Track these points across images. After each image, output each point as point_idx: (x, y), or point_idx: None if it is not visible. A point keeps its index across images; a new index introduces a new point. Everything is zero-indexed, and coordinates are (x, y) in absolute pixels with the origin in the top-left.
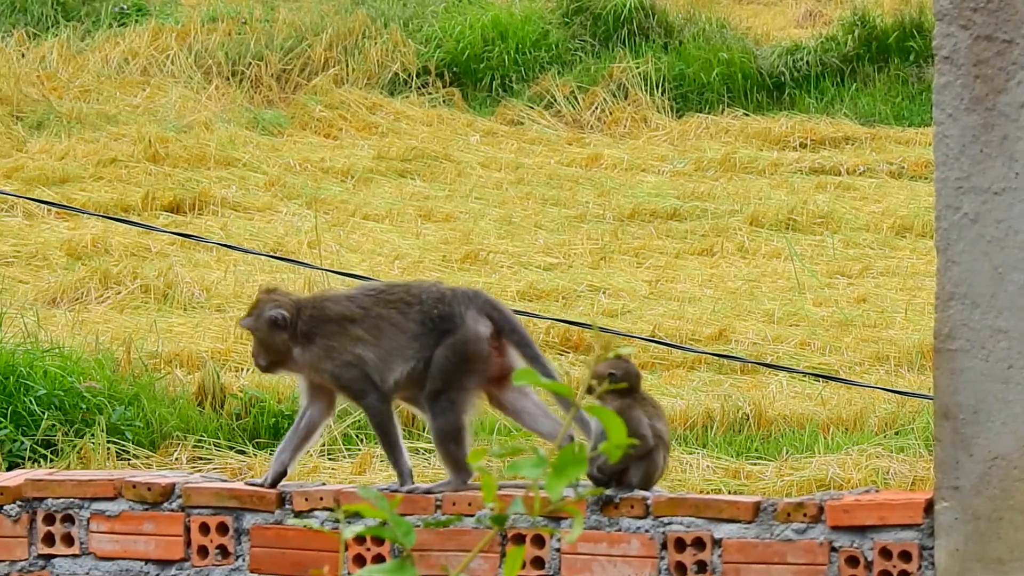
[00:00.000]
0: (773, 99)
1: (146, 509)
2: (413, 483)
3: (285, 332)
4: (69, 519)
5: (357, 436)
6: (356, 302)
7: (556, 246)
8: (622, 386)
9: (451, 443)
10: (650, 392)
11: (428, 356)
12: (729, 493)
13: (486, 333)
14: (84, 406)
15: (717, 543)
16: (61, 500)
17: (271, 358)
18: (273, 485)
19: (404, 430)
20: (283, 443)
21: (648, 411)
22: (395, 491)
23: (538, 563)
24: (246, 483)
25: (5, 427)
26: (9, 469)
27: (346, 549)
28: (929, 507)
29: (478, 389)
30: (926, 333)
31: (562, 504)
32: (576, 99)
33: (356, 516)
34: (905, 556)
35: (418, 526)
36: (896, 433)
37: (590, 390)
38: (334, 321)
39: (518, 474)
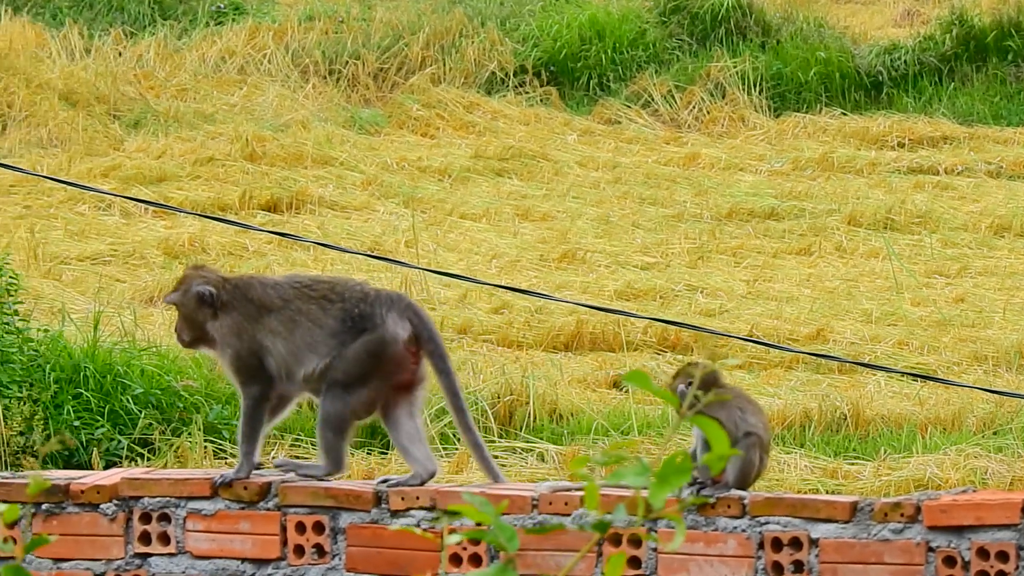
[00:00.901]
0: (871, 98)
1: (242, 508)
2: (249, 472)
3: (210, 308)
4: (165, 518)
5: (454, 436)
6: (279, 292)
7: (653, 245)
8: (726, 397)
9: (331, 431)
10: (748, 391)
11: (343, 352)
12: (827, 493)
13: (404, 336)
14: (181, 405)
15: (814, 543)
16: (158, 499)
17: (193, 334)
18: (247, 476)
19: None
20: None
21: (741, 405)
22: (226, 477)
23: (635, 563)
24: (218, 479)
25: (102, 426)
26: (106, 468)
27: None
28: None
29: (383, 391)
30: None
31: (665, 513)
32: (673, 98)
33: (454, 516)
34: (1002, 556)
35: (517, 525)
36: (994, 433)
37: (692, 405)
38: (253, 304)
39: (621, 482)
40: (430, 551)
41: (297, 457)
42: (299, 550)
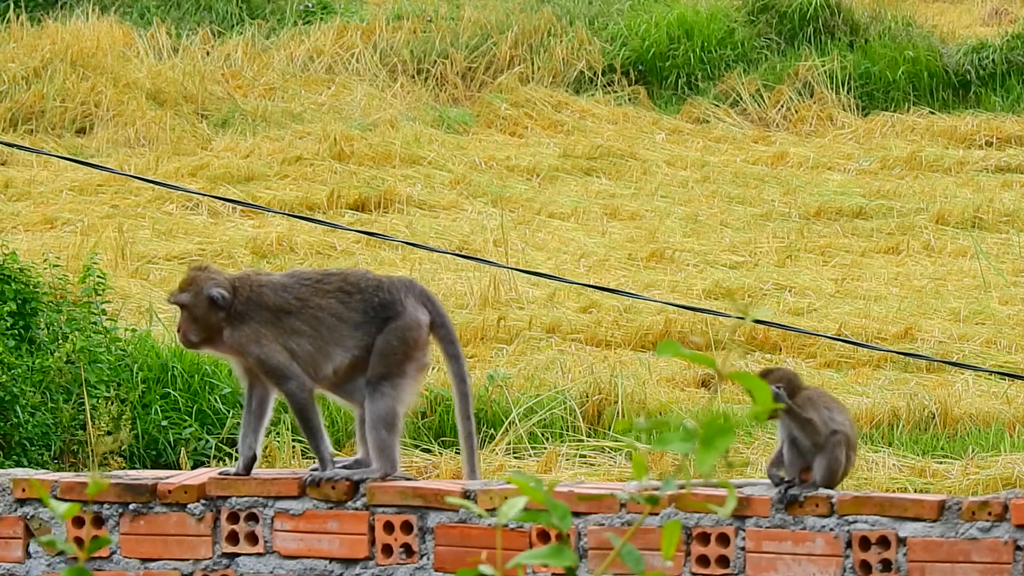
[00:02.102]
0: (959, 97)
1: (330, 508)
2: (334, 469)
3: (223, 311)
4: (253, 518)
5: (543, 435)
6: (293, 293)
7: (742, 244)
8: (797, 409)
9: (384, 429)
10: (836, 390)
11: (370, 343)
12: (915, 492)
13: (426, 320)
14: None
15: (902, 542)
16: (245, 499)
17: (203, 335)
18: (247, 472)
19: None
20: (242, 429)
21: (827, 403)
22: (316, 475)
23: (723, 562)
24: (220, 473)
25: (190, 426)
26: (194, 468)
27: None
28: None
29: (417, 376)
30: None
31: (713, 478)
32: (762, 97)
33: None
34: None
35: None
36: None
37: (773, 416)
38: (270, 310)
39: (666, 448)
40: (519, 550)
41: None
42: (387, 550)
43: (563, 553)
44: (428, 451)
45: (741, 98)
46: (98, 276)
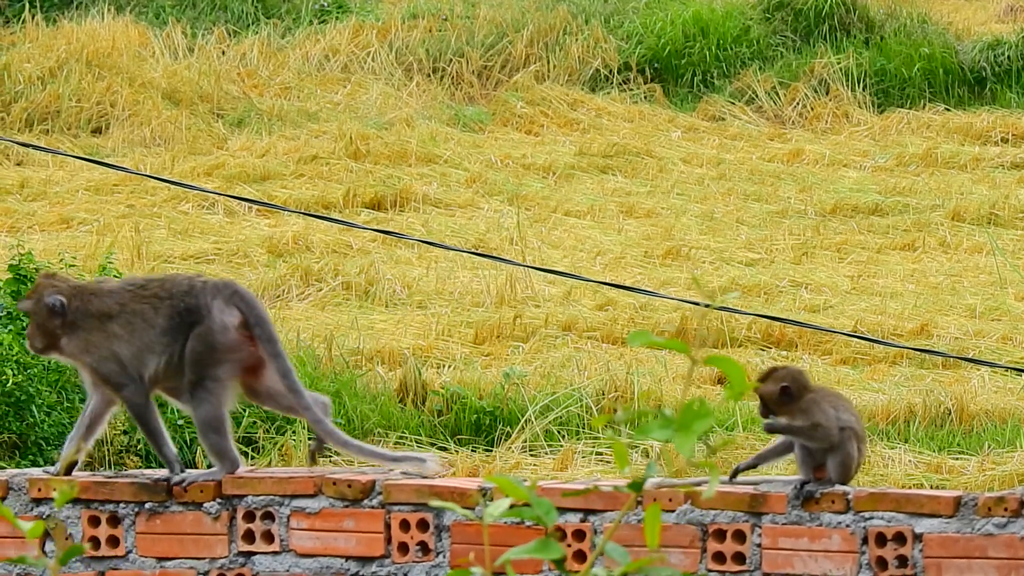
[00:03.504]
0: (974, 94)
1: (346, 506)
2: (183, 471)
3: (61, 318)
4: (269, 516)
5: (559, 432)
6: (116, 298)
7: (758, 242)
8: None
9: (212, 433)
10: (852, 387)
11: (180, 348)
12: (931, 488)
13: (233, 323)
14: None
15: (918, 538)
16: (261, 497)
17: (45, 342)
18: (67, 473)
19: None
20: (72, 432)
21: (833, 402)
22: (167, 481)
23: (739, 558)
24: (43, 471)
25: None
26: (210, 467)
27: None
28: None
29: (233, 379)
30: None
31: (696, 461)
32: (777, 94)
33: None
34: None
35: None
36: None
37: (764, 414)
38: (95, 316)
39: (647, 436)
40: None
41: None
42: (403, 548)
43: (550, 546)
44: (445, 449)
45: (757, 95)
46: (114, 276)
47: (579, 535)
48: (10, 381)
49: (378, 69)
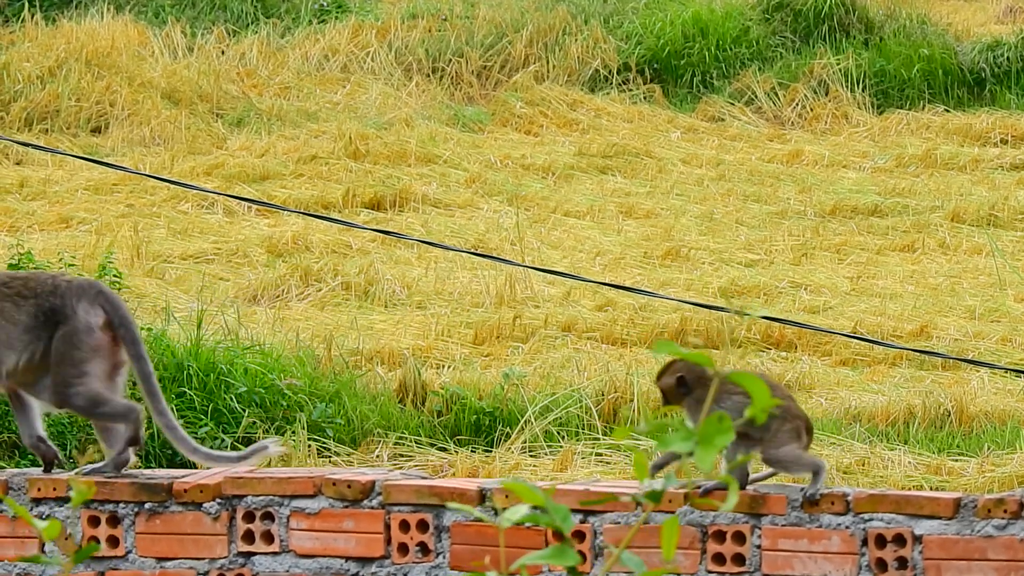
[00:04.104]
0: (974, 95)
1: (346, 507)
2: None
3: None
4: (269, 516)
5: (558, 433)
6: None
7: (757, 242)
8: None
9: (100, 406)
10: (851, 388)
11: (44, 347)
12: (930, 489)
13: (97, 323)
14: (285, 403)
15: (918, 539)
16: (261, 497)
17: None
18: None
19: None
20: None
21: (732, 390)
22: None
23: (739, 560)
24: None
25: (206, 424)
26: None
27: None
28: None
29: (105, 376)
30: None
31: (716, 475)
32: (777, 95)
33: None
34: None
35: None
36: None
37: (666, 402)
38: None
39: (668, 448)
40: (535, 548)
41: (401, 455)
42: (403, 548)
43: (566, 553)
44: (444, 450)
45: (756, 96)
46: (113, 275)
47: (579, 536)
48: None
49: (377, 69)
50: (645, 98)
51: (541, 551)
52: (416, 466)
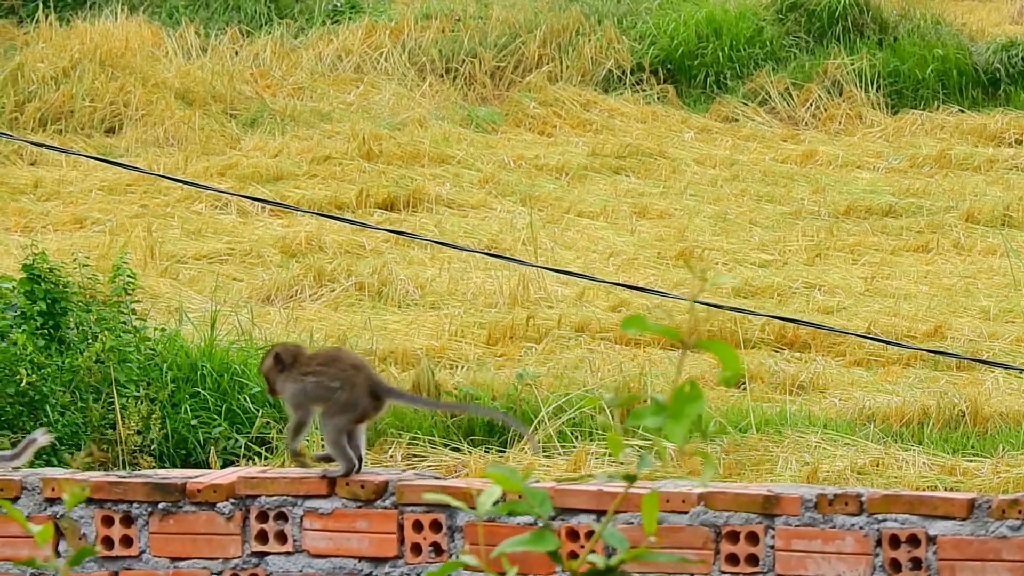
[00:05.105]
0: (988, 95)
1: (359, 507)
2: None
3: None
4: (282, 516)
5: (572, 433)
6: None
7: (771, 243)
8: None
9: None
10: (865, 389)
11: None
12: (945, 490)
13: None
14: None
15: (932, 540)
16: (274, 497)
17: None
18: None
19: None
20: None
21: (309, 371)
22: None
23: (752, 560)
24: None
25: (220, 424)
26: (224, 467)
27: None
28: None
29: None
30: None
31: (691, 450)
32: (791, 95)
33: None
34: None
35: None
36: None
37: (271, 392)
38: None
39: (639, 424)
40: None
41: (415, 455)
42: (416, 548)
43: (545, 538)
44: (457, 450)
45: (770, 96)
46: (127, 276)
47: (592, 536)
48: (24, 381)
49: (391, 69)
50: (659, 98)
51: (520, 536)
52: (430, 466)
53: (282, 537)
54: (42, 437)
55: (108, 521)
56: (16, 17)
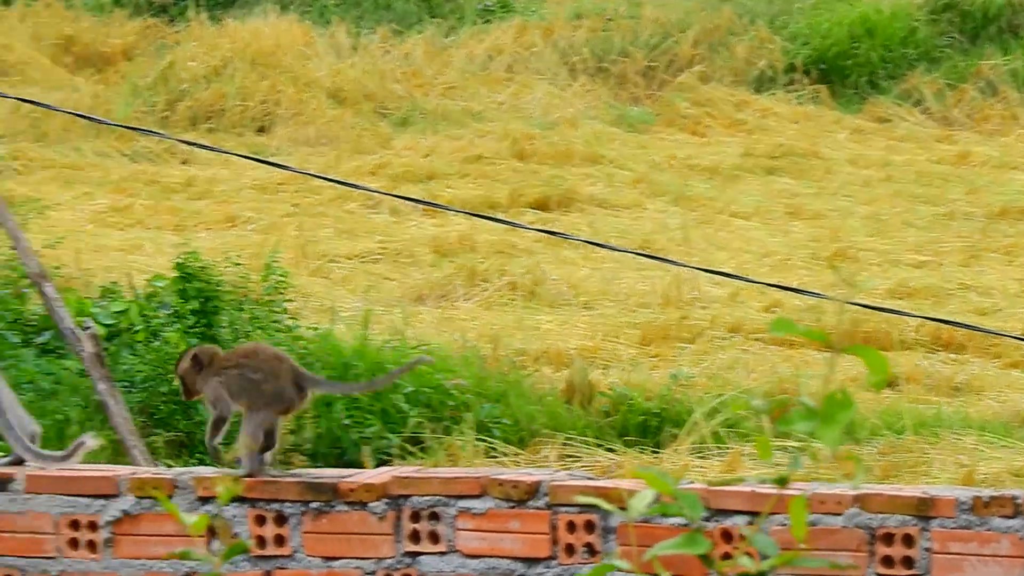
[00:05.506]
0: None
1: (512, 507)
2: None
3: None
4: (435, 516)
5: (727, 435)
6: None
7: (925, 244)
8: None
9: None
10: (1022, 391)
11: None
12: None
13: None
14: (452, 403)
15: None
16: (427, 497)
17: None
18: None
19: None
20: None
21: (222, 369)
22: None
23: (907, 563)
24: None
25: (373, 424)
26: (377, 466)
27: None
28: None
29: None
30: None
31: (842, 455)
32: (944, 96)
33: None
34: None
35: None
36: None
37: (187, 396)
38: None
39: (790, 429)
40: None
41: (569, 456)
42: (570, 549)
43: (697, 540)
44: (612, 451)
45: (924, 97)
46: (280, 275)
47: (745, 539)
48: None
49: (542, 69)
50: (811, 99)
51: (672, 540)
52: (583, 467)
53: (434, 537)
54: (91, 440)
55: (260, 520)
56: (167, 16)
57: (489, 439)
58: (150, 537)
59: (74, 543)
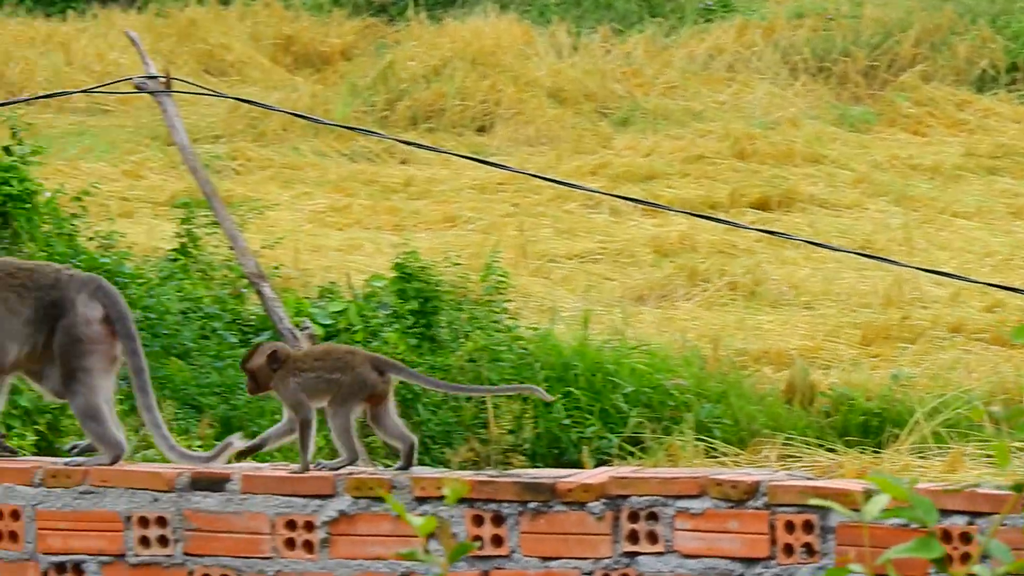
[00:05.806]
0: None
1: (730, 507)
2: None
3: None
4: (653, 516)
5: (949, 435)
6: None
7: None
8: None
9: (92, 422)
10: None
11: (44, 339)
12: None
13: (96, 317)
14: (672, 403)
15: None
16: (645, 498)
17: None
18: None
19: None
20: None
21: (306, 367)
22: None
23: None
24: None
25: (593, 424)
26: (596, 466)
27: None
28: None
29: (106, 368)
30: None
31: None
32: None
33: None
34: None
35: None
36: None
37: (253, 391)
38: None
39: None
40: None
41: (789, 456)
42: (788, 549)
43: (931, 545)
44: (832, 451)
45: None
46: (499, 275)
47: (965, 538)
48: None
49: (763, 68)
50: None
51: (906, 544)
52: (803, 467)
53: (652, 537)
54: (238, 442)
55: (478, 520)
56: (386, 15)
57: (709, 439)
58: (367, 537)
59: (291, 543)
